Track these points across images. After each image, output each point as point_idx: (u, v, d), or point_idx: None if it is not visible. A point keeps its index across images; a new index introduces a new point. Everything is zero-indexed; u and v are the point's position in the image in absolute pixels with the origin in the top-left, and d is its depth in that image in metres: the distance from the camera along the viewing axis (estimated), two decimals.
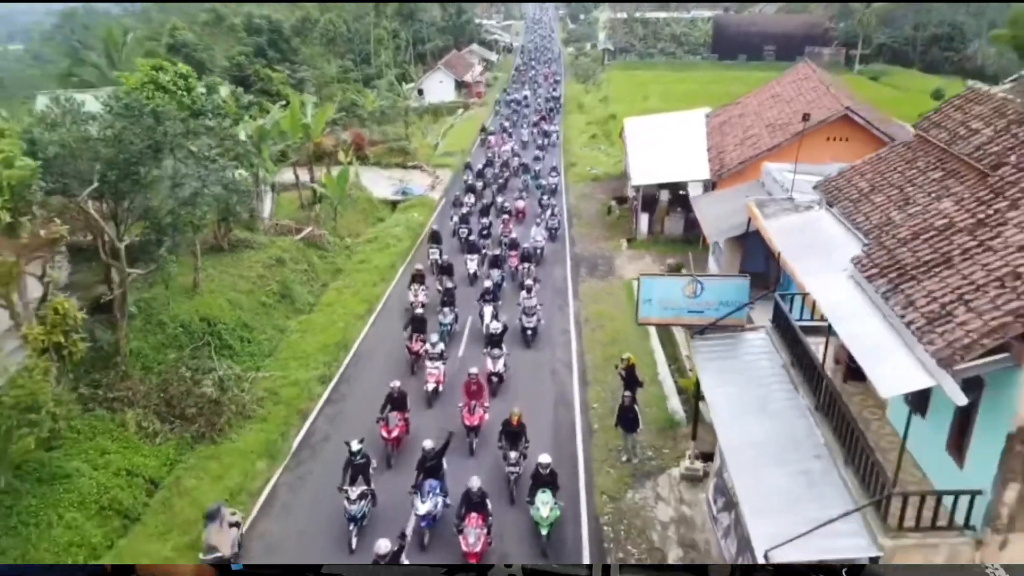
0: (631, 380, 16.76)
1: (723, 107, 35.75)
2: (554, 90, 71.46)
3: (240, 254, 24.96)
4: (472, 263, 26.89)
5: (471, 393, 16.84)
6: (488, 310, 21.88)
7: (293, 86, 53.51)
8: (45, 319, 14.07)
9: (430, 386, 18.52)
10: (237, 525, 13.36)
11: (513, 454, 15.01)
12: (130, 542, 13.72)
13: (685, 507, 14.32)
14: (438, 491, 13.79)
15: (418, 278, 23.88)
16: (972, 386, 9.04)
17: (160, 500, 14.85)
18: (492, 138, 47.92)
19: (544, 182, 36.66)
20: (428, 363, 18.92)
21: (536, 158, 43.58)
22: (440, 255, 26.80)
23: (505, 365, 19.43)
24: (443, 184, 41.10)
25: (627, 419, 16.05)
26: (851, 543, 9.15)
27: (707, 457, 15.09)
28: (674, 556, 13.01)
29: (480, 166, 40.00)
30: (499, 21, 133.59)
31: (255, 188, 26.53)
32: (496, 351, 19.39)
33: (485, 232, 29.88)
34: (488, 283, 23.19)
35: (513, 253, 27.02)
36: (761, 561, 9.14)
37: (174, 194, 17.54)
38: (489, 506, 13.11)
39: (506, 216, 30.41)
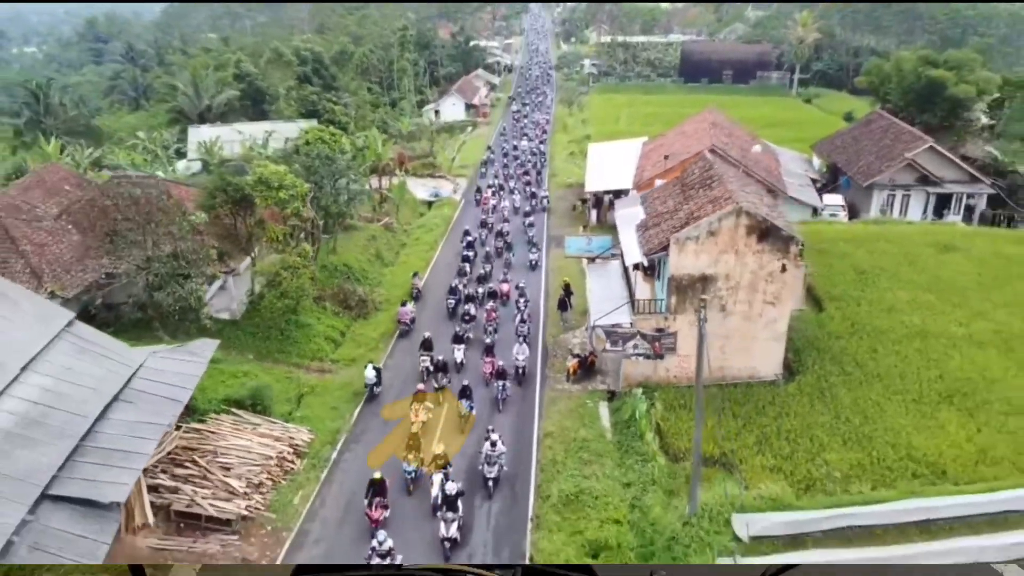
0: (567, 292, 34.28)
1: (655, 137, 53.23)
2: (541, 143, 72.94)
3: (350, 233, 42.63)
4: (459, 352, 28.82)
5: None
6: (438, 478, 20.62)
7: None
8: (301, 254, 31.68)
9: None
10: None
11: None
12: (343, 349, 31.52)
13: (586, 339, 32.00)
14: None
15: (420, 398, 24.78)
16: (660, 263, 26.91)
17: (349, 337, 32.69)
18: (488, 192, 51.86)
19: (525, 271, 37.66)
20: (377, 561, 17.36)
21: (530, 224, 45.64)
22: (431, 361, 27.27)
23: (459, 529, 19.02)
24: (462, 189, 58.74)
25: (563, 306, 33.72)
26: (623, 318, 26.80)
27: None
28: (577, 350, 30.60)
29: (473, 236, 42.30)
30: (500, 42, 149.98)
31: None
32: (450, 514, 18.86)
33: (468, 318, 31.86)
34: (440, 447, 21.58)
35: (488, 360, 27.40)
36: (591, 325, 26.79)
37: (339, 197, 35.28)
38: None
39: (492, 303, 32.68)
